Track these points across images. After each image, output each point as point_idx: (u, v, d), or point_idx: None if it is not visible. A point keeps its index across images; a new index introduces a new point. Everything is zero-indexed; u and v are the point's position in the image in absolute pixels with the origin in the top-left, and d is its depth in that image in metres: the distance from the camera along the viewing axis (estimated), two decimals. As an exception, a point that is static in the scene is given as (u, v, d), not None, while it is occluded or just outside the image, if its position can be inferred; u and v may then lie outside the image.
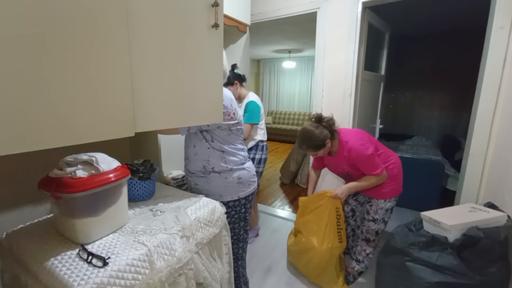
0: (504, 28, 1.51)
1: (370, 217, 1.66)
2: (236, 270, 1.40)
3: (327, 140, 1.50)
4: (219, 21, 0.98)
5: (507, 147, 1.44)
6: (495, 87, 1.56)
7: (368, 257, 1.73)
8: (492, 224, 1.24)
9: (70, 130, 0.67)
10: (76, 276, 0.68)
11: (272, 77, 7.57)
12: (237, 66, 2.04)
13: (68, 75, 0.64)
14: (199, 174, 1.26)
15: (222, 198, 1.25)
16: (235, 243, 1.34)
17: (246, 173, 1.31)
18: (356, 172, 1.57)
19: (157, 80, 0.86)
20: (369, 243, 1.71)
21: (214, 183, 1.24)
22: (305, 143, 1.52)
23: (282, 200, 3.23)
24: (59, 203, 0.80)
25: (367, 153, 1.48)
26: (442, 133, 4.18)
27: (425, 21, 3.38)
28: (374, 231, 1.67)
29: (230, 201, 1.26)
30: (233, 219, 1.30)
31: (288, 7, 2.33)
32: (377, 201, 1.61)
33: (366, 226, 1.68)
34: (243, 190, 1.29)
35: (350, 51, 2.08)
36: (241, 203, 1.29)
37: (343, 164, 1.59)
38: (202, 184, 1.26)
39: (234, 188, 1.26)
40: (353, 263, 1.77)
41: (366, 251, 1.72)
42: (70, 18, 0.63)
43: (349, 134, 1.57)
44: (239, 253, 1.39)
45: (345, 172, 1.63)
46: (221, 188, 1.25)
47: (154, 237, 0.87)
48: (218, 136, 1.22)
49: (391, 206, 1.63)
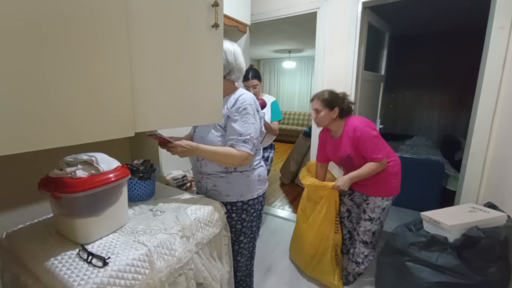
0: (504, 28, 1.51)
1: (366, 216, 1.65)
2: (250, 268, 1.40)
3: (336, 107, 1.54)
4: (219, 21, 0.98)
5: (507, 146, 1.44)
6: (495, 87, 1.56)
7: (367, 258, 1.72)
8: (492, 224, 1.24)
9: (70, 130, 0.67)
10: (76, 276, 0.68)
11: (272, 77, 7.57)
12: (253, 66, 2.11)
13: (68, 75, 0.64)
14: (219, 174, 1.20)
15: (243, 197, 1.21)
16: (251, 242, 1.32)
17: (263, 169, 1.30)
18: (358, 155, 1.54)
19: (157, 80, 0.86)
20: (367, 245, 1.69)
21: (235, 182, 1.20)
22: (321, 94, 1.58)
23: (282, 200, 3.23)
24: (59, 203, 0.80)
25: (372, 134, 1.48)
26: (442, 133, 4.18)
27: (425, 21, 3.38)
28: (370, 232, 1.65)
29: (250, 199, 1.23)
30: (252, 217, 1.26)
31: (288, 7, 2.33)
32: (375, 199, 1.60)
33: (362, 227, 1.67)
34: (261, 187, 1.28)
35: (350, 51, 2.08)
36: (259, 200, 1.27)
37: (345, 146, 1.57)
38: (222, 185, 1.20)
39: (254, 185, 1.23)
40: (352, 265, 1.76)
41: (364, 253, 1.70)
42: (71, 17, 0.63)
43: (356, 118, 1.59)
44: (253, 252, 1.38)
45: (346, 155, 1.59)
46: (242, 187, 1.21)
47: (154, 237, 0.87)
48: None
49: (388, 206, 1.62)
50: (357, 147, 1.52)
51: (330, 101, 1.55)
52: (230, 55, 1.15)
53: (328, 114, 1.55)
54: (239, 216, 1.23)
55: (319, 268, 1.75)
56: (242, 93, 1.18)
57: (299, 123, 6.82)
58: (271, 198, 3.27)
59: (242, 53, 1.22)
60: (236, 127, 1.12)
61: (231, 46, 1.17)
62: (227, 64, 1.15)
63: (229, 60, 1.15)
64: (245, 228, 1.25)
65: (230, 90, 1.21)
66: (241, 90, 1.22)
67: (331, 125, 1.62)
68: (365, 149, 1.50)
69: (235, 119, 1.13)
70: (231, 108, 1.15)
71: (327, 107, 1.55)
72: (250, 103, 1.15)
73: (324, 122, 1.60)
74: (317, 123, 1.63)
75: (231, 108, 1.15)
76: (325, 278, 1.73)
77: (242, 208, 1.22)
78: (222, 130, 1.17)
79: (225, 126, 1.16)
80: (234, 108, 1.14)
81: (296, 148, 3.71)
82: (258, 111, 1.20)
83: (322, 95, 1.58)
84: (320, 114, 1.57)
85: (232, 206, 1.21)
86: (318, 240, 1.70)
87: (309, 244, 1.75)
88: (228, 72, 1.17)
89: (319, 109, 1.57)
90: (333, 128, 1.63)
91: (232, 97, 1.18)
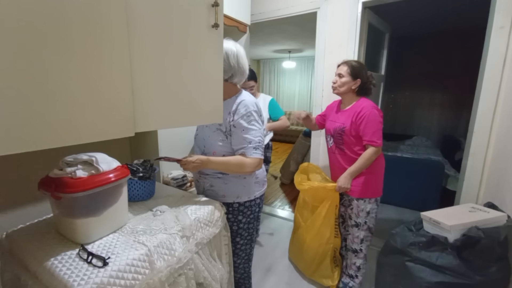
0: (504, 28, 1.51)
1: (352, 222, 1.62)
2: (247, 271, 1.38)
3: (359, 79, 1.53)
4: (219, 21, 0.98)
5: (507, 146, 1.44)
6: (495, 87, 1.56)
7: (360, 272, 1.67)
8: (492, 224, 1.23)
9: (70, 130, 0.66)
10: (76, 276, 0.68)
11: (272, 77, 7.57)
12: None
13: (68, 75, 0.64)
14: (217, 175, 1.20)
15: (239, 199, 1.21)
16: (248, 244, 1.30)
17: (262, 171, 1.29)
18: (351, 133, 1.51)
19: (157, 80, 0.86)
20: (357, 254, 1.64)
21: (232, 183, 1.19)
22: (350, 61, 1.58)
23: (282, 200, 3.23)
24: (59, 203, 0.80)
25: (378, 119, 1.47)
26: (442, 133, 4.18)
27: (425, 21, 3.37)
28: (359, 238, 1.61)
29: (246, 201, 1.22)
30: (248, 219, 1.26)
31: (288, 7, 2.33)
32: (357, 202, 1.57)
33: (351, 234, 1.64)
34: (258, 189, 1.27)
35: (350, 51, 2.08)
36: (256, 202, 1.26)
37: (346, 119, 1.54)
38: (219, 185, 1.21)
39: (251, 187, 1.23)
40: (346, 278, 1.71)
41: (356, 264, 1.66)
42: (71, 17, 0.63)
43: (369, 101, 1.56)
44: (251, 254, 1.36)
45: (341, 128, 1.55)
46: (239, 188, 1.20)
47: (154, 237, 0.87)
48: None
49: (373, 210, 1.57)
50: (358, 126, 1.48)
51: (356, 70, 1.53)
52: (232, 58, 1.12)
53: (349, 82, 1.53)
54: (235, 217, 1.22)
55: (319, 272, 1.74)
56: (244, 98, 1.16)
57: (299, 123, 6.82)
58: (271, 198, 3.27)
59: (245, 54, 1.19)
60: (244, 135, 1.11)
61: (234, 48, 1.13)
62: (229, 68, 1.12)
63: (231, 63, 1.12)
64: (241, 229, 1.25)
65: (232, 93, 1.19)
66: (243, 94, 1.19)
67: (345, 96, 1.60)
68: (367, 129, 1.46)
69: (243, 127, 1.11)
70: (234, 114, 1.13)
71: (351, 76, 1.53)
72: (254, 109, 1.14)
73: (342, 88, 1.56)
74: (335, 87, 1.59)
75: (234, 114, 1.13)
76: (325, 281, 1.73)
77: (238, 210, 1.22)
78: (223, 134, 1.15)
79: (227, 131, 1.15)
80: (238, 115, 1.12)
81: (296, 148, 3.72)
82: (261, 115, 1.19)
83: (350, 62, 1.57)
84: (342, 79, 1.55)
85: (228, 207, 1.21)
86: (318, 244, 1.68)
87: (308, 247, 1.74)
88: (230, 76, 1.14)
89: (343, 74, 1.55)
90: (345, 99, 1.61)
91: (234, 101, 1.16)
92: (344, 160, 1.59)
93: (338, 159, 1.62)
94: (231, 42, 1.14)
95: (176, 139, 1.76)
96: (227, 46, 1.11)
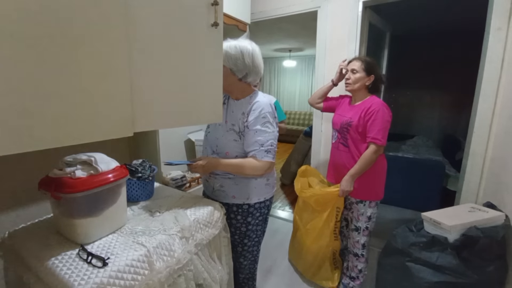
0: (501, 29, 1.50)
1: (353, 226, 1.61)
2: (253, 272, 1.37)
3: (372, 75, 1.53)
4: (219, 20, 0.98)
5: (505, 146, 1.44)
6: (493, 88, 1.55)
7: (362, 274, 1.66)
8: (490, 224, 1.24)
9: (69, 130, 0.66)
10: (77, 276, 0.68)
11: (273, 76, 7.57)
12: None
13: (67, 74, 0.64)
14: (227, 175, 1.17)
15: (250, 200, 1.19)
16: (255, 245, 1.29)
17: (272, 174, 1.27)
18: (357, 129, 1.50)
19: (156, 80, 0.86)
20: (359, 258, 1.63)
21: (243, 184, 1.17)
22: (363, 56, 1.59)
23: (283, 200, 3.23)
24: (59, 203, 0.80)
25: (387, 118, 1.46)
26: (443, 133, 4.17)
27: (425, 20, 3.37)
28: (359, 243, 1.60)
29: (256, 202, 1.21)
30: (257, 220, 1.24)
31: (288, 5, 2.33)
32: (357, 206, 1.56)
33: (351, 238, 1.64)
34: (269, 191, 1.25)
35: (351, 50, 2.07)
36: (265, 204, 1.25)
37: (354, 114, 1.52)
38: (229, 186, 1.19)
39: (262, 189, 1.21)
40: (346, 279, 1.71)
41: (357, 267, 1.65)
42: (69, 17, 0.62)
43: (380, 100, 1.55)
44: (257, 256, 1.35)
45: (348, 122, 1.54)
46: (249, 190, 1.18)
47: (153, 238, 0.86)
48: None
49: (373, 214, 1.57)
50: (366, 122, 1.47)
51: (370, 66, 1.52)
52: (247, 57, 1.09)
53: (363, 78, 1.52)
54: (245, 218, 1.21)
55: (319, 274, 1.74)
56: (259, 99, 1.14)
57: (299, 122, 6.82)
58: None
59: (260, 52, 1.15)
60: (257, 137, 1.09)
61: (249, 46, 1.10)
62: (244, 67, 1.10)
63: (246, 62, 1.09)
64: (250, 231, 1.24)
65: (246, 93, 1.17)
66: (258, 95, 1.17)
67: (358, 92, 1.58)
68: (373, 126, 1.44)
69: (255, 129, 1.09)
70: (248, 114, 1.11)
71: (365, 71, 1.52)
72: (268, 111, 1.12)
73: (357, 84, 1.54)
74: (349, 83, 1.57)
75: (249, 115, 1.11)
76: (325, 283, 1.73)
77: (248, 211, 1.20)
78: (237, 134, 1.14)
79: (240, 132, 1.13)
80: (252, 116, 1.10)
81: (296, 148, 3.70)
82: (275, 117, 1.16)
83: (364, 57, 1.57)
84: (356, 75, 1.53)
85: (238, 208, 1.20)
86: (317, 247, 1.67)
87: (307, 250, 1.73)
88: (244, 75, 1.12)
89: (356, 70, 1.54)
90: (357, 96, 1.59)
91: (249, 101, 1.14)
92: (346, 158, 1.57)
93: (340, 156, 1.61)
94: (246, 41, 1.12)
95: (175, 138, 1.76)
96: (242, 45, 1.09)
